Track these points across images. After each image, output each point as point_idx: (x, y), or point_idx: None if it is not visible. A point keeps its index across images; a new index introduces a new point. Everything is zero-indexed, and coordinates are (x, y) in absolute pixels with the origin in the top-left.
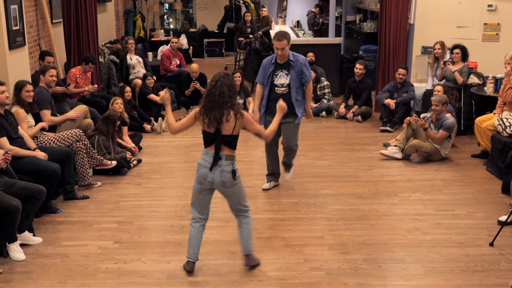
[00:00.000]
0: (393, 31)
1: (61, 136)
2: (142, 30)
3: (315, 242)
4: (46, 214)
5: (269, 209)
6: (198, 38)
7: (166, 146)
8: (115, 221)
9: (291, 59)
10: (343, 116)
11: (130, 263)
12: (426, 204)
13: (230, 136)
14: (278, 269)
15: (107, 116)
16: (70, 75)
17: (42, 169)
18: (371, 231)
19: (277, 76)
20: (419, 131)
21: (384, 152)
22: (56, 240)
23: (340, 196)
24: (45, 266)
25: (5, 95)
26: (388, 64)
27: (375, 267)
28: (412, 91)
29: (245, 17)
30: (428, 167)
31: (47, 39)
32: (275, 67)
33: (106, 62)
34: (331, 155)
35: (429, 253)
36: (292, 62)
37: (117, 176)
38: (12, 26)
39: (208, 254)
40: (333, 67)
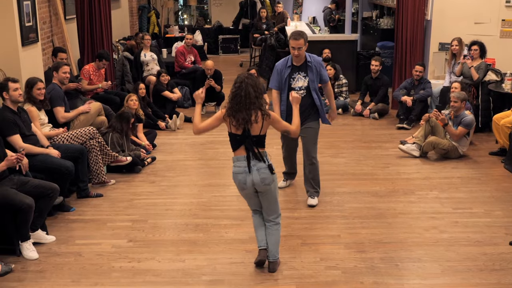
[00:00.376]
0: (410, 28)
1: (75, 134)
2: (156, 26)
3: (331, 241)
4: (59, 212)
5: (284, 207)
6: (213, 34)
7: (180, 143)
8: (129, 219)
9: (308, 60)
10: (360, 113)
11: (144, 262)
12: (444, 202)
13: (258, 136)
14: (294, 268)
15: (121, 113)
16: (84, 72)
17: (55, 167)
18: (387, 230)
19: (294, 80)
20: (437, 128)
21: (402, 147)
22: (69, 238)
23: (357, 194)
24: (59, 265)
25: (18, 93)
26: (405, 61)
27: (392, 266)
28: (429, 88)
29: (260, 13)
30: (446, 164)
31: (60, 35)
32: (291, 70)
33: (120, 59)
34: (347, 152)
35: (446, 252)
36: (309, 63)
37: (131, 174)
38: (25, 22)
39: (223, 252)
40: (349, 64)
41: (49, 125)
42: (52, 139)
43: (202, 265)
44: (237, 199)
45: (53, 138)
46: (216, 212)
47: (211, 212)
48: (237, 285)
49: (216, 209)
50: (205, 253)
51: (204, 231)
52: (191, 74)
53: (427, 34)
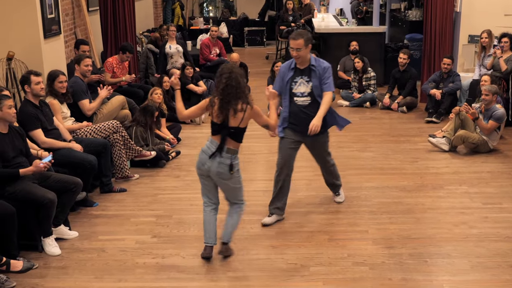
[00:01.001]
0: (439, 19)
1: (98, 128)
2: (181, 18)
3: (359, 236)
4: (82, 208)
5: (311, 202)
6: (238, 26)
7: (205, 137)
8: (153, 214)
9: (312, 64)
10: (388, 106)
11: (169, 258)
12: (473, 197)
13: (237, 129)
14: (320, 264)
15: (145, 106)
16: (107, 64)
17: (78, 161)
18: (416, 225)
19: (296, 84)
20: (467, 122)
21: (432, 140)
22: (92, 234)
23: (385, 189)
24: (81, 261)
25: (40, 86)
26: (433, 53)
27: (421, 262)
28: (459, 81)
29: (286, 5)
30: (475, 159)
31: (83, 27)
32: (294, 73)
33: (144, 51)
34: (375, 147)
35: (476, 248)
36: (313, 67)
37: (155, 169)
38: (47, 14)
39: (249, 248)
40: (377, 57)
41: (71, 119)
42: (74, 133)
43: (227, 261)
44: (263, 194)
45: (76, 132)
46: None
47: None
48: (263, 282)
49: None
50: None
51: None
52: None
53: (456, 26)
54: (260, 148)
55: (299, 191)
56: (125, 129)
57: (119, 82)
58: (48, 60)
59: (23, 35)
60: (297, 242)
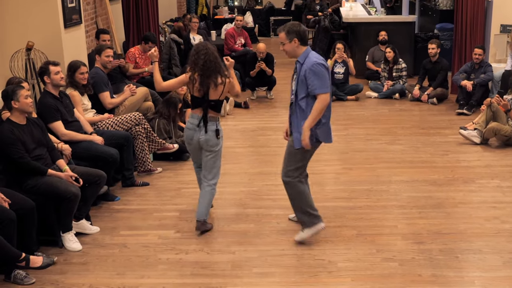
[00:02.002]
0: (470, 9)
1: (120, 120)
2: (205, 7)
3: (388, 232)
4: (104, 202)
5: (339, 196)
6: (264, 16)
7: (230, 129)
8: (176, 209)
9: (298, 60)
10: (418, 98)
11: (192, 254)
12: (505, 191)
13: (217, 101)
14: (349, 260)
15: (168, 98)
16: (129, 55)
17: (99, 154)
18: (447, 220)
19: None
20: (499, 114)
21: (463, 132)
22: (114, 229)
23: (414, 183)
24: (103, 257)
25: (60, 76)
26: (465, 44)
27: (451, 257)
28: (491, 72)
29: None
30: (508, 152)
31: (104, 16)
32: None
33: (167, 41)
34: (404, 139)
35: (508, 243)
36: (298, 63)
37: (178, 162)
38: (68, 3)
39: (275, 244)
40: (406, 47)
41: (92, 111)
42: (96, 125)
43: (252, 257)
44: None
45: (97, 124)
46: (267, 202)
47: (262, 201)
48: (290, 278)
49: (267, 199)
50: (256, 244)
51: (255, 222)
52: (241, 58)
53: (488, 15)
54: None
55: (327, 185)
56: (148, 121)
57: (142, 73)
58: (68, 50)
59: (43, 24)
60: (324, 237)
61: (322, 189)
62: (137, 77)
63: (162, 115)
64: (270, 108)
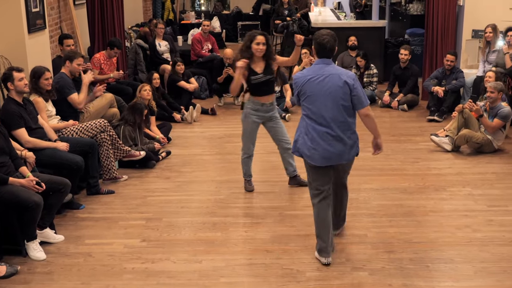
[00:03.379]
0: (441, 13)
1: (85, 127)
2: (171, 12)
3: (358, 240)
4: (68, 210)
5: (307, 204)
6: (231, 21)
7: (197, 137)
8: (143, 217)
9: None
10: (388, 104)
11: (159, 263)
12: (477, 200)
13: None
14: (318, 269)
15: (133, 104)
16: (94, 60)
17: (64, 162)
18: (417, 228)
19: None
20: (471, 121)
21: (435, 139)
22: (78, 238)
23: (385, 191)
24: (67, 266)
25: (24, 82)
26: (436, 49)
27: (422, 267)
28: (462, 78)
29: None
30: (480, 159)
31: (69, 21)
32: None
33: (132, 47)
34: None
35: (480, 252)
36: None
37: (144, 169)
38: (32, 8)
39: (242, 253)
40: (376, 52)
41: (57, 117)
42: (60, 132)
43: (220, 266)
44: (257, 196)
45: (62, 131)
46: (235, 210)
47: (230, 209)
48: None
49: (234, 207)
50: (223, 253)
51: (222, 230)
52: (208, 63)
53: (459, 20)
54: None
55: (296, 193)
56: (113, 128)
57: (107, 79)
58: (32, 56)
59: (6, 30)
60: (293, 246)
61: (291, 197)
62: (102, 83)
63: (128, 121)
64: (238, 115)
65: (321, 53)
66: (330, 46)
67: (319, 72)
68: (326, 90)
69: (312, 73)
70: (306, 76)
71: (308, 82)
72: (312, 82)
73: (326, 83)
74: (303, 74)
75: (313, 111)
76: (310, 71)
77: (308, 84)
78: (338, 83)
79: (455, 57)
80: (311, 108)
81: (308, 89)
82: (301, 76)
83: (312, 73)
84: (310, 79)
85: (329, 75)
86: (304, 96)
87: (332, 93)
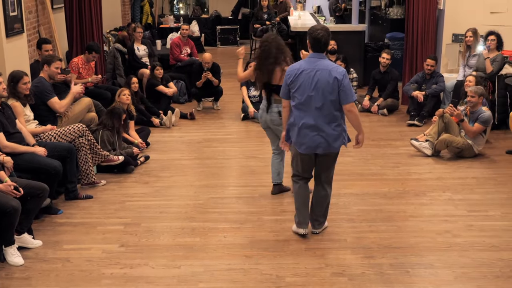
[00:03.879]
0: (421, 18)
1: (63, 131)
2: (150, 16)
3: (337, 246)
4: (46, 215)
5: (287, 209)
6: (210, 25)
7: (176, 141)
8: (121, 222)
9: None
10: (367, 109)
11: (137, 268)
12: (457, 205)
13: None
14: (297, 274)
15: (112, 109)
16: (72, 65)
17: (42, 166)
18: (397, 234)
19: None
20: (451, 125)
21: (415, 143)
22: (57, 243)
23: (364, 196)
24: (45, 271)
25: (2, 87)
26: (416, 53)
27: (402, 272)
28: (442, 82)
29: (261, 2)
30: (460, 164)
31: (47, 25)
32: None
33: (111, 51)
34: (354, 151)
35: (460, 258)
36: None
37: (123, 174)
38: (10, 11)
39: (221, 258)
40: (356, 56)
41: (35, 122)
42: (38, 137)
43: (198, 272)
44: (236, 201)
45: (40, 135)
46: (214, 215)
47: (209, 215)
48: None
49: (214, 212)
50: (202, 258)
51: (201, 235)
52: (187, 68)
53: (439, 24)
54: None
55: (275, 198)
56: (91, 132)
57: (85, 84)
58: (10, 60)
59: None
60: (273, 251)
61: (270, 202)
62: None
63: (106, 126)
64: (217, 119)
65: (316, 47)
66: (324, 40)
67: (311, 65)
68: (316, 83)
69: (305, 66)
70: (299, 68)
71: (301, 74)
72: (304, 75)
73: (317, 77)
74: (296, 66)
75: (302, 102)
76: (304, 63)
77: (300, 76)
78: (328, 78)
79: (435, 61)
80: (301, 99)
81: (299, 81)
82: (294, 68)
83: (305, 65)
84: (303, 71)
85: (320, 69)
86: (295, 87)
87: (321, 86)
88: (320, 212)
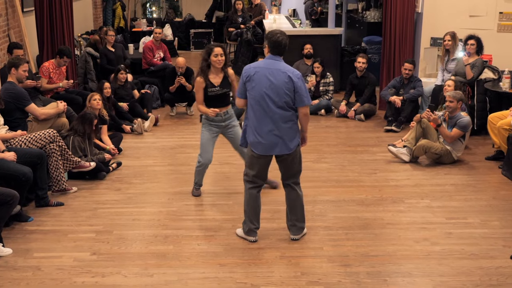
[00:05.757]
0: (399, 21)
1: (33, 137)
2: (122, 19)
3: (313, 254)
4: (16, 223)
5: (261, 217)
6: (184, 28)
7: (148, 147)
8: (93, 230)
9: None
10: (344, 114)
11: (109, 277)
12: (436, 212)
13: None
14: (272, 283)
15: (83, 114)
16: (43, 69)
17: (11, 173)
18: (374, 241)
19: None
20: (429, 131)
21: (392, 149)
22: (27, 251)
23: (341, 203)
24: (15, 280)
25: None
26: (393, 57)
27: (380, 281)
28: (420, 87)
29: (235, 5)
30: (438, 170)
31: (17, 29)
32: None
33: (82, 55)
34: (330, 157)
35: (438, 266)
36: None
37: (94, 181)
38: None
39: (195, 266)
40: (333, 61)
41: (5, 127)
42: (8, 143)
43: (172, 280)
44: (210, 208)
45: (9, 141)
46: (187, 223)
47: (182, 222)
48: None
49: (187, 219)
50: (176, 267)
51: (175, 243)
52: (160, 72)
53: (417, 28)
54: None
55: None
56: (62, 138)
57: (56, 88)
58: None
59: None
60: (247, 259)
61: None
62: (51, 93)
63: (77, 132)
64: (190, 125)
65: (276, 50)
66: (284, 43)
67: (268, 66)
68: (271, 83)
69: (262, 67)
70: (256, 68)
71: (257, 74)
72: (261, 75)
73: (273, 77)
74: (253, 66)
75: (258, 102)
76: (261, 64)
77: (256, 76)
78: (284, 79)
79: (413, 65)
80: (257, 99)
81: (255, 81)
82: (251, 67)
83: (262, 66)
84: (259, 71)
85: (277, 70)
86: (250, 86)
87: (277, 87)
88: (296, 216)
